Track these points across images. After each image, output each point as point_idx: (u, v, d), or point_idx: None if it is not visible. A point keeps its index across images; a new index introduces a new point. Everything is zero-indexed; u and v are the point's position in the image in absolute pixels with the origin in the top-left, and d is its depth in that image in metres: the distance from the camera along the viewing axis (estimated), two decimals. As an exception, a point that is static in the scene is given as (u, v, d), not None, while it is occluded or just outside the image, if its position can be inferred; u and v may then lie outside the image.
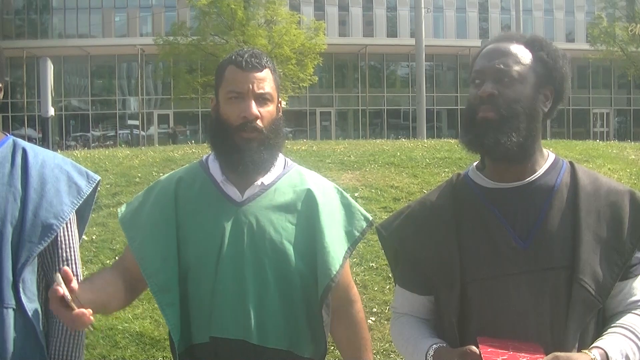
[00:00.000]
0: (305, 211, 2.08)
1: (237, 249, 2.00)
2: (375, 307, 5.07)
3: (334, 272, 2.00)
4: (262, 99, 2.04)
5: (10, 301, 2.03)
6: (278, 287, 1.99)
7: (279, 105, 2.15)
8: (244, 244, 2.00)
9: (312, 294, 2.03)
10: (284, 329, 1.99)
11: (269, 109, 2.06)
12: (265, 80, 2.06)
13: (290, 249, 2.02)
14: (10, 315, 2.03)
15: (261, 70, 2.06)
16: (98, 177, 2.31)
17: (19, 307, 2.04)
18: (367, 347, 2.24)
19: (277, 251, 2.01)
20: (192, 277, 2.01)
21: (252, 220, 2.03)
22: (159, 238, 2.03)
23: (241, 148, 2.02)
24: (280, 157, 2.18)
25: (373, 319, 4.93)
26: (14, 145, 2.19)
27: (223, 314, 1.96)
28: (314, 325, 2.05)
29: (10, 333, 2.02)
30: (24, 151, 2.18)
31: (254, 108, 2.02)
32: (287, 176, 2.15)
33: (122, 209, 2.18)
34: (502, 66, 1.79)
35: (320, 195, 2.11)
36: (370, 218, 2.17)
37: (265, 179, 2.10)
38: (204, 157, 2.20)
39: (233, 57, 2.09)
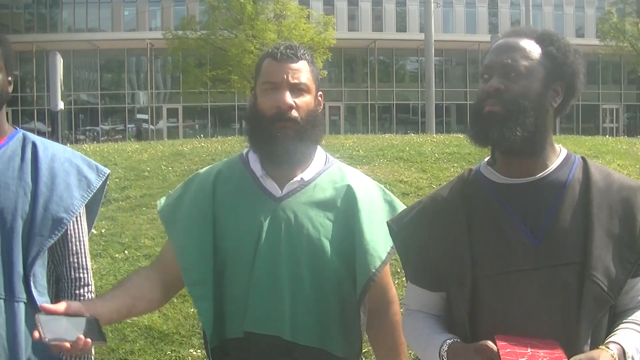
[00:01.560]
0: (345, 208, 2.05)
1: (273, 244, 1.98)
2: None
3: (373, 270, 1.98)
4: (297, 90, 2.04)
5: (22, 295, 2.04)
6: (312, 284, 1.98)
7: (319, 98, 2.14)
8: (280, 239, 1.98)
9: (347, 292, 2.01)
10: (316, 326, 1.98)
11: (305, 100, 2.05)
12: (301, 71, 2.05)
13: (327, 245, 2.00)
14: (21, 309, 2.03)
15: (296, 62, 2.05)
16: (108, 171, 2.31)
17: (30, 301, 2.05)
18: (401, 351, 2.20)
19: (313, 247, 1.99)
20: (229, 271, 2.01)
21: (290, 215, 2.01)
22: (196, 231, 2.03)
23: (276, 137, 2.00)
24: (322, 153, 2.17)
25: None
26: (24, 139, 2.19)
27: (257, 309, 1.95)
28: (347, 324, 2.03)
29: (22, 326, 2.03)
30: (34, 145, 2.18)
31: (288, 97, 2.01)
32: (327, 172, 2.13)
33: (161, 201, 2.19)
34: (509, 61, 1.78)
35: (360, 193, 2.08)
36: None
37: (305, 175, 2.08)
38: (244, 151, 2.18)
39: (270, 50, 2.10)
